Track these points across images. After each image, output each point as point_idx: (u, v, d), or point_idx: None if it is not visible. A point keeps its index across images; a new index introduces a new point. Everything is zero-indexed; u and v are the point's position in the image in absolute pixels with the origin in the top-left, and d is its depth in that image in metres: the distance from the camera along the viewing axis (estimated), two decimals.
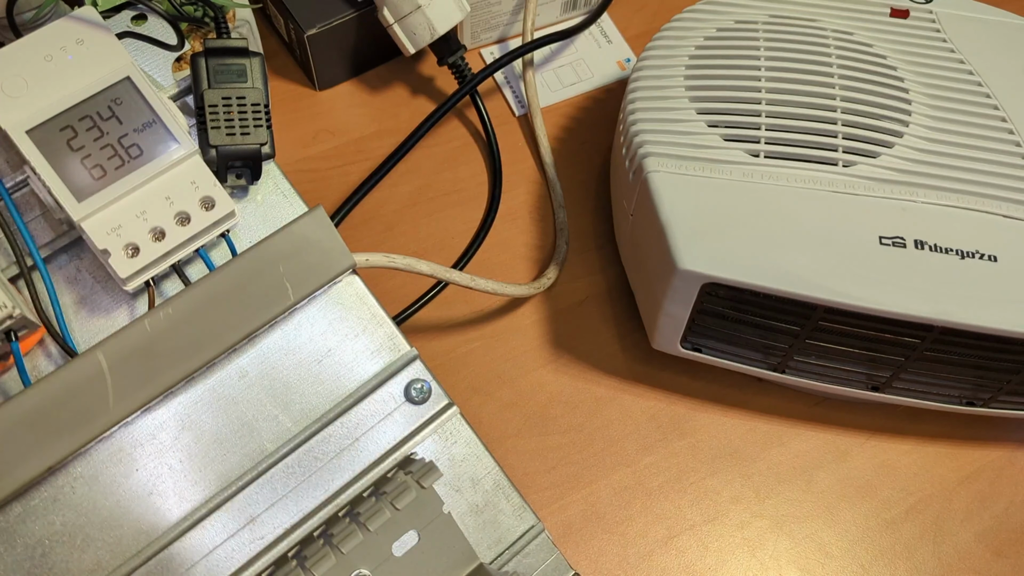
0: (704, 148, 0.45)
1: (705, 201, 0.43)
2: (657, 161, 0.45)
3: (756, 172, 0.44)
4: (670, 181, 0.44)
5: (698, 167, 0.44)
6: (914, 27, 0.51)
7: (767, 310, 0.43)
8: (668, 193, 0.44)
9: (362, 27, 0.57)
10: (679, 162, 0.44)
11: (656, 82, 0.48)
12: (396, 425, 0.36)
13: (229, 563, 0.34)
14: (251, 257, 0.36)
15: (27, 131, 0.35)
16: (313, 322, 0.37)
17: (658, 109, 0.47)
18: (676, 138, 0.46)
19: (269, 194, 0.40)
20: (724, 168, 0.44)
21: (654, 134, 0.46)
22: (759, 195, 0.43)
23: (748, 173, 0.44)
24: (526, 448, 0.48)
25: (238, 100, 0.39)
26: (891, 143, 0.45)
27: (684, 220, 0.43)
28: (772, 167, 0.44)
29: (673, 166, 0.44)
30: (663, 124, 0.46)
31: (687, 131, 0.46)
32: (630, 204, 0.48)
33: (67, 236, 0.38)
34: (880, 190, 0.44)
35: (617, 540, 0.46)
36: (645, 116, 0.47)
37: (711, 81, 0.47)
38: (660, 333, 0.47)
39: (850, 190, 0.44)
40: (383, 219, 0.55)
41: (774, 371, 0.47)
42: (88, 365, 0.33)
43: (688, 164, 0.44)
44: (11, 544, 0.32)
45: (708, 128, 0.46)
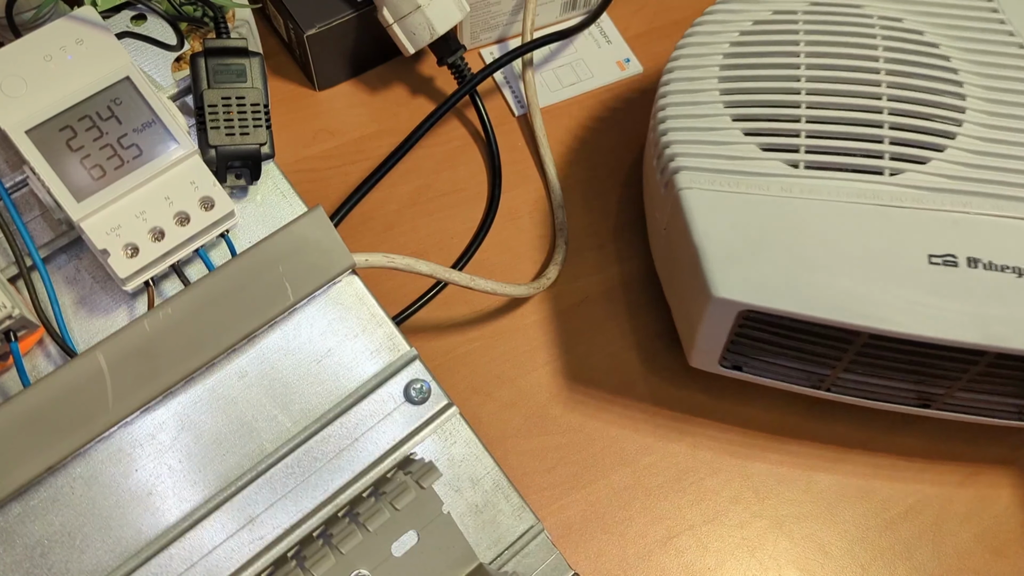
0: (740, 160, 0.42)
1: (742, 220, 0.40)
2: (690, 176, 0.42)
3: (796, 186, 0.41)
4: (704, 199, 0.41)
5: (734, 182, 0.41)
6: (971, 9, 0.46)
7: (809, 335, 0.41)
8: (702, 213, 0.41)
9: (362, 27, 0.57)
10: (714, 176, 0.42)
11: (688, 84, 0.45)
12: (396, 425, 0.36)
13: (229, 563, 0.34)
14: (250, 257, 0.36)
15: (26, 131, 0.35)
16: (313, 322, 0.37)
17: (691, 116, 0.44)
18: (710, 149, 0.43)
19: (268, 194, 0.40)
20: (762, 182, 0.41)
21: (687, 144, 0.43)
22: (799, 212, 0.40)
23: (787, 187, 0.41)
24: (526, 448, 0.48)
25: (237, 100, 0.39)
26: (942, 146, 0.41)
27: (720, 243, 0.40)
28: (813, 179, 0.41)
29: (707, 181, 0.41)
30: (696, 133, 0.43)
31: (722, 140, 0.43)
32: (663, 216, 0.45)
33: (66, 236, 0.38)
34: (930, 201, 0.40)
35: (617, 540, 0.46)
36: (677, 124, 0.44)
37: (747, 83, 0.44)
38: (697, 353, 0.45)
39: (897, 202, 0.40)
40: (383, 219, 0.55)
41: (818, 390, 0.45)
42: (87, 365, 0.33)
43: (723, 179, 0.41)
44: (10, 544, 0.32)
45: (744, 137, 0.43)
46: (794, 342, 0.42)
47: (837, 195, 0.41)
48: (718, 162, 0.42)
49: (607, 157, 0.58)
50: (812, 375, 0.44)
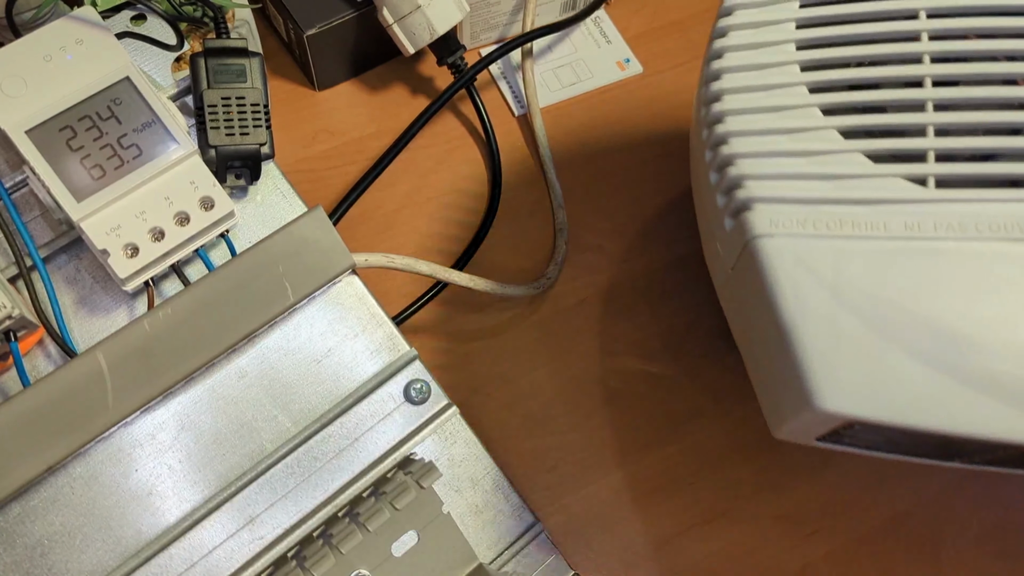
0: (840, 179, 0.29)
1: (850, 285, 0.28)
2: (769, 216, 0.29)
3: (926, 217, 0.28)
4: (793, 254, 0.29)
5: (833, 217, 0.29)
6: None
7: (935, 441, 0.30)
8: (792, 279, 0.29)
9: (362, 27, 0.57)
10: (803, 211, 0.29)
11: (754, 57, 0.32)
12: (395, 425, 0.36)
13: (229, 563, 0.34)
14: (250, 257, 0.36)
15: (26, 131, 0.35)
16: (312, 322, 0.37)
17: (762, 111, 0.31)
18: (795, 163, 0.30)
19: (268, 194, 0.40)
20: (874, 214, 0.28)
21: (760, 160, 0.30)
22: (934, 264, 0.28)
23: (913, 221, 0.28)
24: (525, 448, 0.48)
25: (237, 100, 0.39)
26: None
27: (820, 330, 0.28)
28: (950, 202, 0.28)
29: (795, 221, 0.29)
30: (772, 139, 0.30)
31: (811, 148, 0.30)
32: (728, 256, 0.32)
33: (66, 236, 0.38)
34: None
35: (617, 540, 0.46)
36: (743, 126, 0.31)
37: (840, 52, 0.31)
38: (786, 434, 0.33)
39: None
40: (382, 219, 0.55)
41: (945, 462, 0.34)
42: (87, 365, 0.33)
43: (817, 213, 0.29)
44: (11, 544, 0.32)
45: (843, 141, 0.30)
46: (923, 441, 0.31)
47: (991, 230, 0.28)
48: (808, 185, 0.30)
49: (607, 157, 0.58)
50: (939, 453, 0.33)
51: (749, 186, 0.30)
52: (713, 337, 0.52)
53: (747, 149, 0.30)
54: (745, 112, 0.31)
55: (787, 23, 0.32)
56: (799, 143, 0.30)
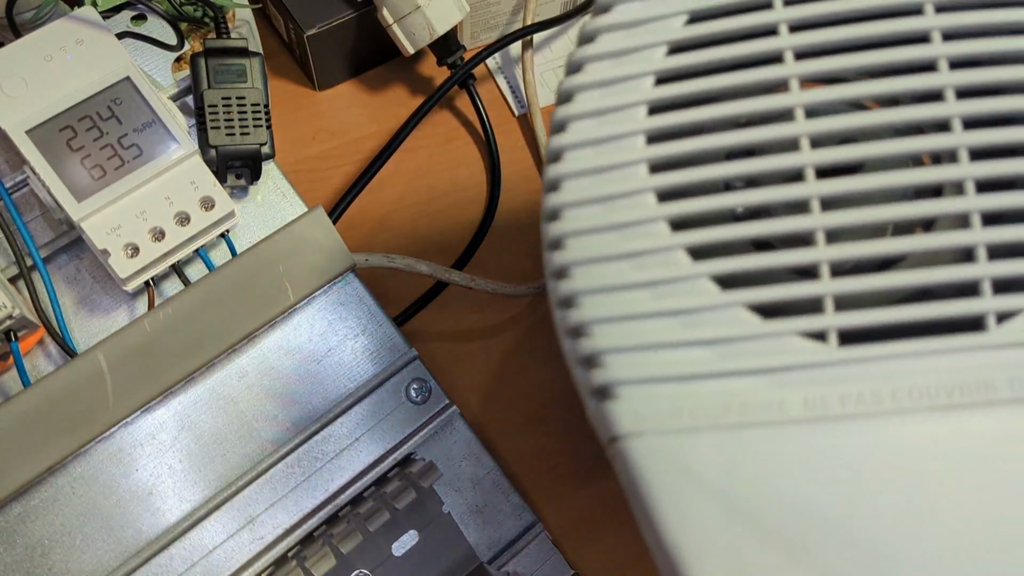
0: (720, 344, 0.23)
1: (745, 494, 0.22)
2: (635, 408, 0.23)
3: (829, 387, 0.22)
4: (669, 460, 0.23)
5: (716, 403, 0.22)
6: None
7: None
8: (672, 495, 0.22)
9: (362, 27, 0.57)
10: (677, 396, 0.23)
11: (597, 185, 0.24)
12: (396, 425, 0.36)
13: (229, 563, 0.34)
14: (251, 257, 0.36)
15: (27, 131, 0.35)
16: (313, 322, 0.37)
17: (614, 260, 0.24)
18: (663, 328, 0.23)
19: (269, 194, 0.40)
20: (766, 390, 0.22)
21: (616, 327, 0.23)
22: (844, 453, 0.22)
23: (815, 395, 0.22)
24: (526, 448, 0.48)
25: (238, 100, 0.39)
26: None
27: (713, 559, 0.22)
28: (858, 363, 0.22)
29: (667, 412, 0.23)
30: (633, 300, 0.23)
31: (680, 307, 0.23)
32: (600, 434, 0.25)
33: (67, 236, 0.38)
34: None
35: (617, 540, 0.46)
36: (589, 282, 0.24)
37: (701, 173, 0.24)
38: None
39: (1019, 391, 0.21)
40: (382, 219, 0.55)
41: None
42: (88, 365, 0.33)
43: (696, 397, 0.23)
44: (11, 544, 0.32)
45: (719, 293, 0.23)
46: None
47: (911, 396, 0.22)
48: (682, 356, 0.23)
49: None
50: None
51: (609, 364, 0.23)
52: None
53: (601, 313, 0.24)
54: (594, 262, 0.24)
55: (636, 136, 0.24)
56: (666, 300, 0.23)
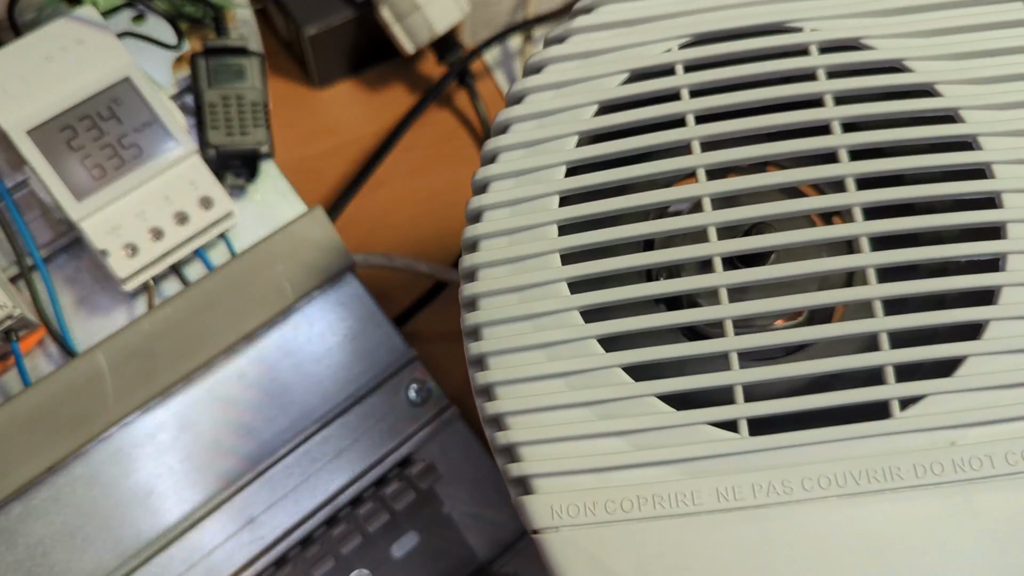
0: (633, 434, 0.23)
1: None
2: (551, 503, 0.23)
3: (742, 478, 0.23)
4: (585, 554, 0.23)
5: (629, 492, 0.23)
6: None
7: None
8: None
9: (362, 27, 0.57)
10: (591, 488, 0.23)
11: (511, 275, 0.26)
12: (395, 426, 0.36)
13: (228, 563, 0.34)
14: (250, 257, 0.36)
15: (27, 131, 0.35)
16: (312, 322, 0.37)
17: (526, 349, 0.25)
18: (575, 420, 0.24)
19: (268, 194, 0.40)
20: (679, 483, 0.23)
21: (531, 418, 0.24)
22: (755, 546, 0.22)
23: (727, 485, 0.22)
24: None
25: (237, 100, 0.39)
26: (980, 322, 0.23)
27: None
28: (769, 451, 0.23)
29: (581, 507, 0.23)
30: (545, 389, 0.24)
31: (592, 398, 0.24)
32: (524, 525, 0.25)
33: (67, 236, 0.38)
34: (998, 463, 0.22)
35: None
36: (506, 373, 0.25)
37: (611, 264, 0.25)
38: None
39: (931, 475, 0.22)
40: (381, 219, 0.55)
41: None
42: (88, 365, 0.33)
43: (609, 490, 0.23)
44: (12, 543, 0.33)
45: (632, 383, 0.24)
46: None
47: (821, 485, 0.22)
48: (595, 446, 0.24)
49: None
50: None
51: (525, 456, 0.24)
52: None
53: (516, 406, 0.24)
54: (508, 352, 0.25)
55: (548, 226, 0.25)
56: (580, 391, 0.24)
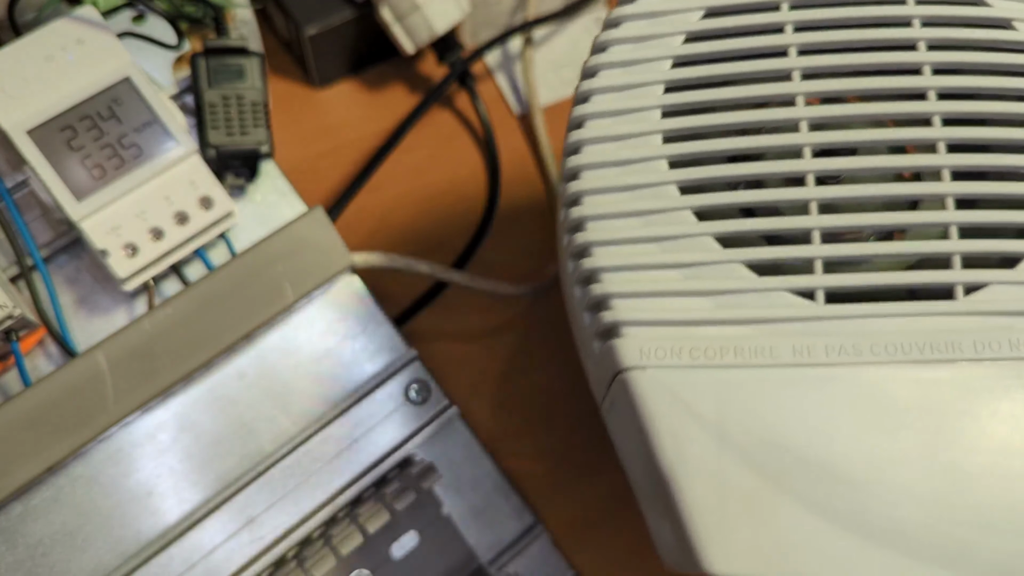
0: (719, 295, 0.26)
1: (736, 429, 0.24)
2: (640, 343, 0.25)
3: (816, 338, 0.25)
4: (669, 392, 0.25)
5: (713, 345, 0.25)
6: None
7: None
8: (669, 422, 0.25)
9: (362, 26, 0.57)
10: (678, 337, 0.25)
11: (614, 150, 0.28)
12: (395, 426, 0.36)
13: (228, 564, 0.34)
14: (250, 257, 0.36)
15: (27, 131, 0.35)
16: (312, 322, 0.37)
17: (626, 216, 0.27)
18: (668, 279, 0.26)
19: (268, 194, 0.40)
20: (760, 337, 0.25)
21: (626, 275, 0.26)
22: (828, 397, 0.24)
23: (803, 344, 0.25)
24: (526, 449, 0.49)
25: (237, 99, 0.39)
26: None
27: (705, 483, 0.24)
28: (841, 319, 0.25)
29: (669, 350, 0.25)
30: (640, 252, 0.26)
31: (684, 260, 0.26)
32: (598, 387, 0.28)
33: (67, 236, 0.38)
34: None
35: (617, 540, 0.47)
36: (603, 234, 0.27)
37: (710, 145, 0.27)
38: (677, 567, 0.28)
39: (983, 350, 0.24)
40: (381, 219, 0.55)
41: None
42: (88, 365, 0.33)
43: (695, 340, 0.25)
44: (12, 544, 0.33)
45: (721, 250, 0.26)
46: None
47: (886, 351, 0.24)
48: (683, 304, 0.26)
49: None
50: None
51: (616, 306, 0.26)
52: None
53: (612, 262, 0.26)
54: (608, 217, 0.27)
55: (652, 110, 0.28)
56: (672, 254, 0.26)
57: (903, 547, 0.23)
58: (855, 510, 0.24)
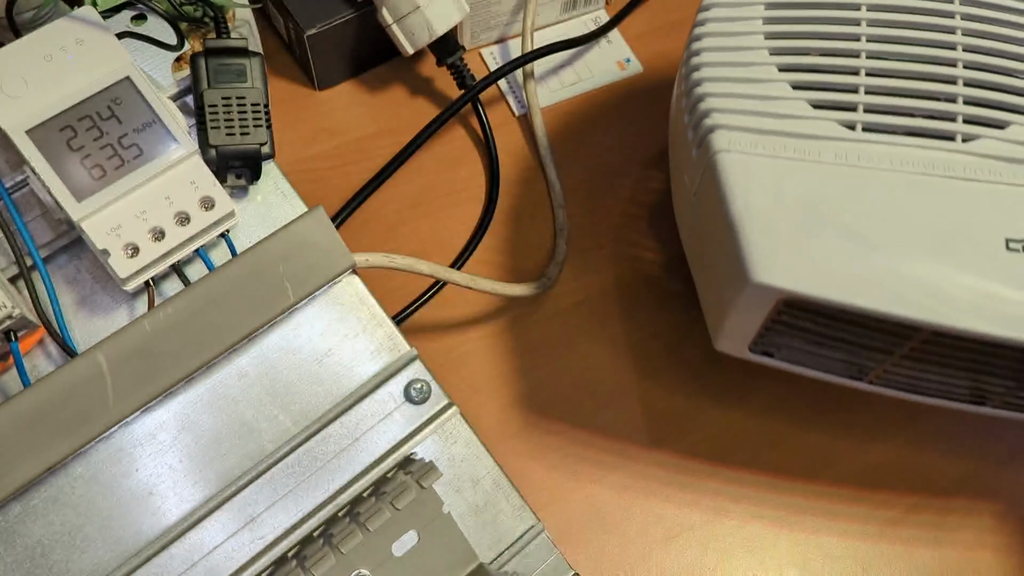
0: (787, 118, 0.37)
1: (787, 191, 0.36)
2: (728, 137, 0.37)
3: (852, 151, 0.36)
4: (744, 165, 0.36)
5: (779, 145, 0.37)
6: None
7: (859, 327, 0.37)
8: (741, 181, 0.36)
9: (362, 27, 0.57)
10: (755, 137, 0.37)
11: (728, 27, 0.40)
12: (396, 425, 0.36)
13: (229, 563, 0.34)
14: (251, 257, 0.36)
15: (27, 131, 0.35)
16: (313, 322, 0.37)
17: (730, 64, 0.39)
18: (752, 104, 0.38)
19: (269, 194, 0.40)
20: (812, 146, 0.37)
21: (725, 99, 0.38)
22: (855, 183, 0.36)
23: (842, 153, 0.36)
24: (526, 448, 0.48)
25: (238, 100, 0.39)
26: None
27: (761, 218, 0.35)
28: (872, 143, 0.36)
29: (748, 143, 0.37)
30: (736, 85, 0.38)
31: (766, 95, 0.38)
32: (693, 181, 0.40)
33: (67, 236, 0.38)
34: (1010, 174, 0.35)
35: (617, 540, 0.46)
36: (714, 74, 0.39)
37: (797, 27, 0.40)
38: (725, 337, 0.41)
39: (970, 175, 0.36)
40: (383, 219, 0.55)
41: (856, 381, 0.41)
42: (88, 365, 0.33)
43: (767, 141, 0.37)
44: (11, 544, 0.32)
45: (792, 91, 0.38)
46: (840, 333, 0.38)
47: (900, 164, 0.36)
48: (761, 120, 0.38)
49: (607, 157, 0.58)
50: (853, 366, 0.41)
51: (714, 116, 0.38)
52: None
53: (715, 90, 0.39)
54: (716, 65, 0.40)
55: (758, 4, 0.41)
56: (757, 90, 0.38)
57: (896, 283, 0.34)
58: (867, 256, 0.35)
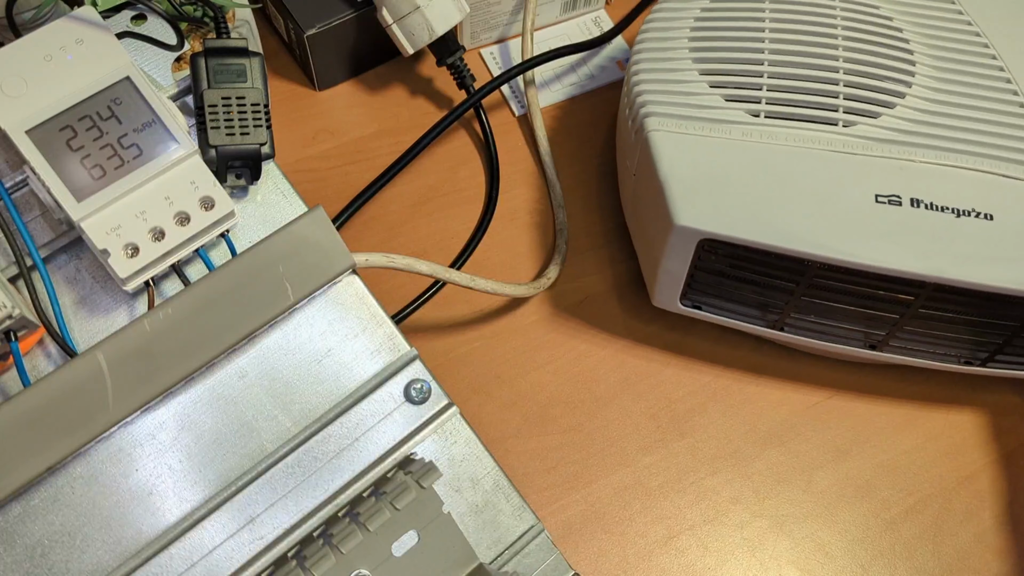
0: (705, 108, 0.46)
1: (704, 159, 0.44)
2: (658, 120, 0.45)
3: (756, 132, 0.45)
4: (670, 140, 0.45)
5: (698, 127, 0.45)
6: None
7: (763, 267, 0.44)
8: (668, 151, 0.45)
9: (362, 27, 0.57)
10: (680, 122, 0.45)
11: (661, 43, 0.49)
12: (396, 425, 0.36)
13: (229, 563, 0.34)
14: (251, 257, 0.36)
15: (27, 131, 0.35)
16: (313, 322, 0.37)
17: (662, 70, 0.48)
18: (678, 98, 0.46)
19: (269, 194, 0.40)
20: (724, 128, 0.45)
21: (657, 94, 0.47)
22: (758, 154, 0.44)
23: (748, 133, 0.45)
24: (526, 448, 0.48)
25: (238, 100, 0.39)
26: (893, 103, 0.45)
27: (682, 177, 0.44)
28: (772, 127, 0.45)
29: (674, 125, 0.45)
30: (666, 85, 0.47)
31: (689, 91, 0.46)
32: (632, 163, 0.49)
33: (67, 236, 0.38)
34: (879, 150, 0.44)
35: (617, 540, 0.46)
36: (649, 77, 0.47)
37: (715, 43, 0.48)
38: (660, 290, 0.48)
39: (849, 150, 0.44)
40: (383, 219, 0.55)
41: (772, 328, 0.48)
42: (88, 365, 0.33)
43: (689, 124, 0.45)
44: (11, 544, 0.32)
45: (710, 89, 0.46)
46: (749, 274, 0.45)
47: (794, 141, 0.44)
48: (685, 110, 0.46)
49: (607, 157, 0.58)
50: (767, 313, 0.48)
51: (649, 106, 0.46)
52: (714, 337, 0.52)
53: (650, 88, 0.47)
54: (651, 69, 0.48)
55: (687, 19, 0.50)
56: (683, 88, 0.47)
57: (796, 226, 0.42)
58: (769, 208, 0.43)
